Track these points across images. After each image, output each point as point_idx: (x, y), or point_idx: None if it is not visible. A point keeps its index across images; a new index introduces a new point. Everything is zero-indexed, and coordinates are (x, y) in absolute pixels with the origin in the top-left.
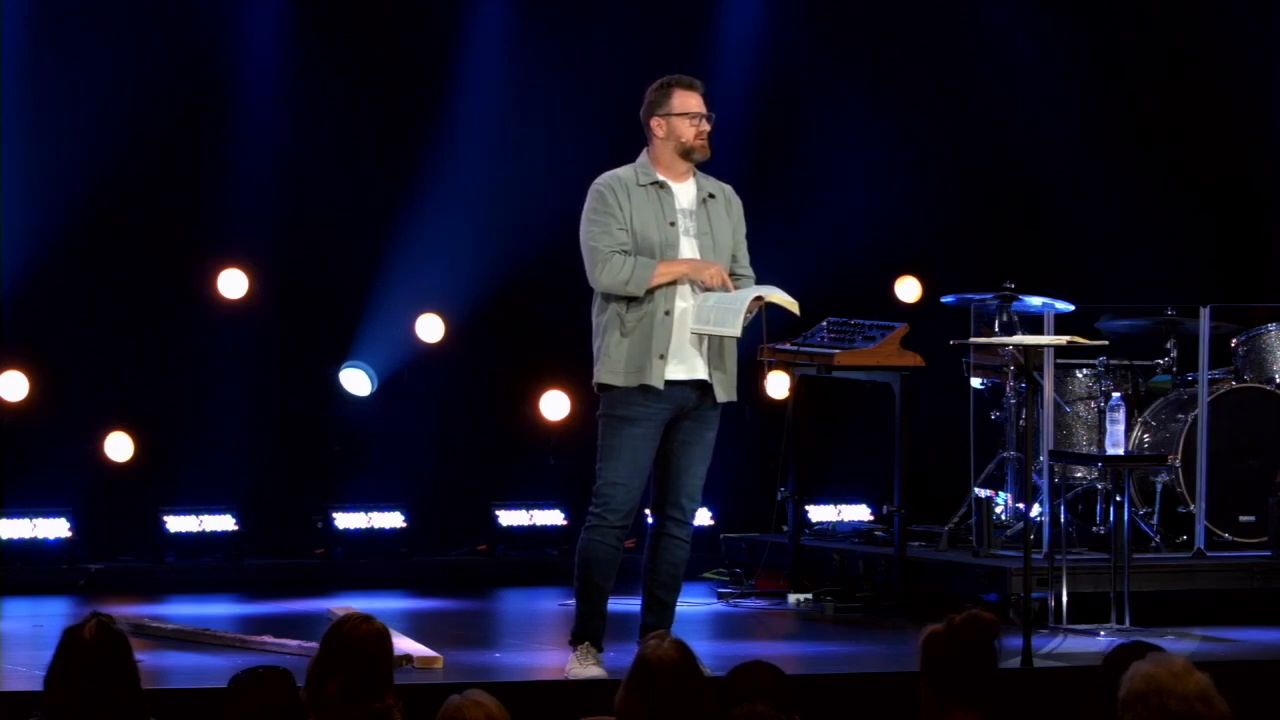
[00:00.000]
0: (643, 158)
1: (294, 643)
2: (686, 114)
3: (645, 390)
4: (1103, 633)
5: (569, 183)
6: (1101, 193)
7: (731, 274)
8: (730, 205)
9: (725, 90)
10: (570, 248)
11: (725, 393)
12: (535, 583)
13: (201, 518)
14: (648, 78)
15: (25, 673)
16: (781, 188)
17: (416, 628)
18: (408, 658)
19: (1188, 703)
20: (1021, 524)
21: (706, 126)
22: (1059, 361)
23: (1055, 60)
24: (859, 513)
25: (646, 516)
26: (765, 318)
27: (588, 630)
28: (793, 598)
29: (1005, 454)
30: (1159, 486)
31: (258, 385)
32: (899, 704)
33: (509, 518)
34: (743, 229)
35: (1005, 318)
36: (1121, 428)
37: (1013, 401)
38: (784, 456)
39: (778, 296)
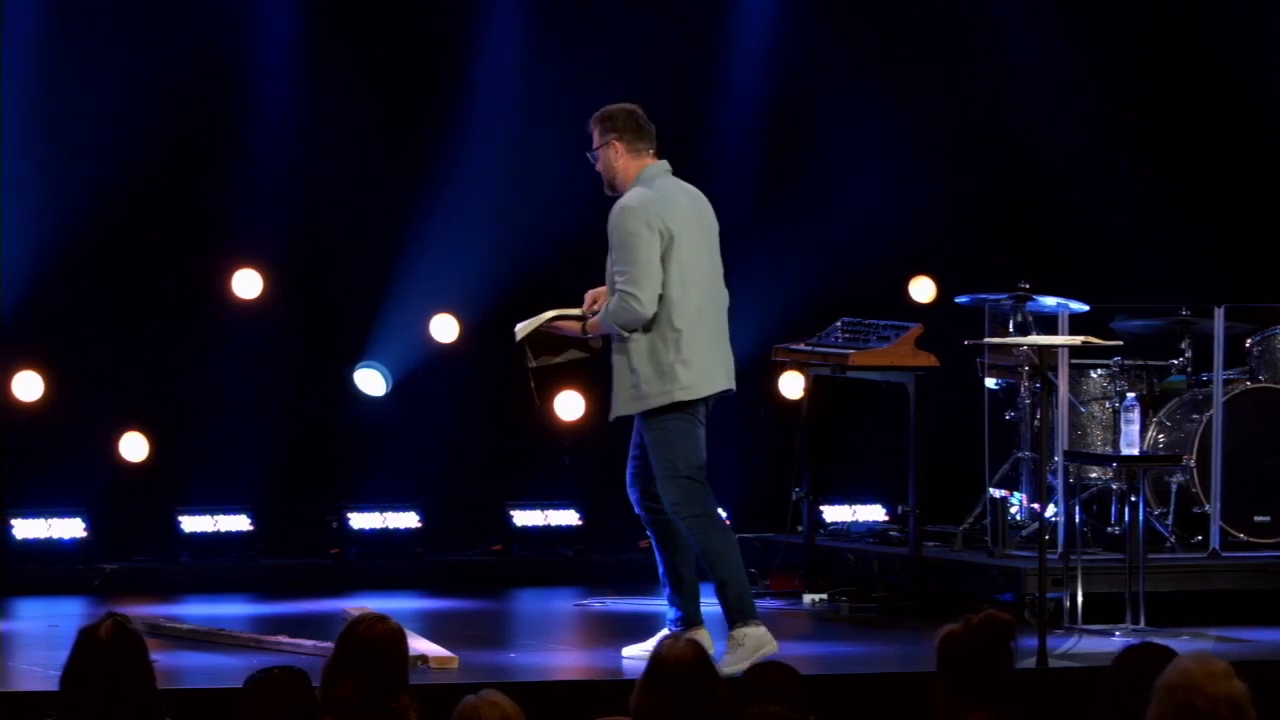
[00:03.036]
0: None
1: (309, 643)
2: None
3: None
4: (1118, 633)
5: (582, 183)
6: (1116, 193)
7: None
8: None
9: (738, 91)
10: (583, 247)
11: (613, 410)
12: (550, 583)
13: (216, 518)
14: (661, 80)
15: (41, 673)
16: (796, 188)
17: (431, 628)
18: (423, 658)
19: (1215, 704)
20: (1036, 524)
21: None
22: (1074, 362)
23: (1069, 60)
24: (874, 513)
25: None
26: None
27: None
28: (808, 598)
29: (1020, 454)
30: (1174, 487)
31: (272, 385)
32: (914, 704)
33: (524, 518)
34: (614, 243)
35: (1020, 318)
36: (1136, 428)
37: (1027, 402)
38: (799, 456)
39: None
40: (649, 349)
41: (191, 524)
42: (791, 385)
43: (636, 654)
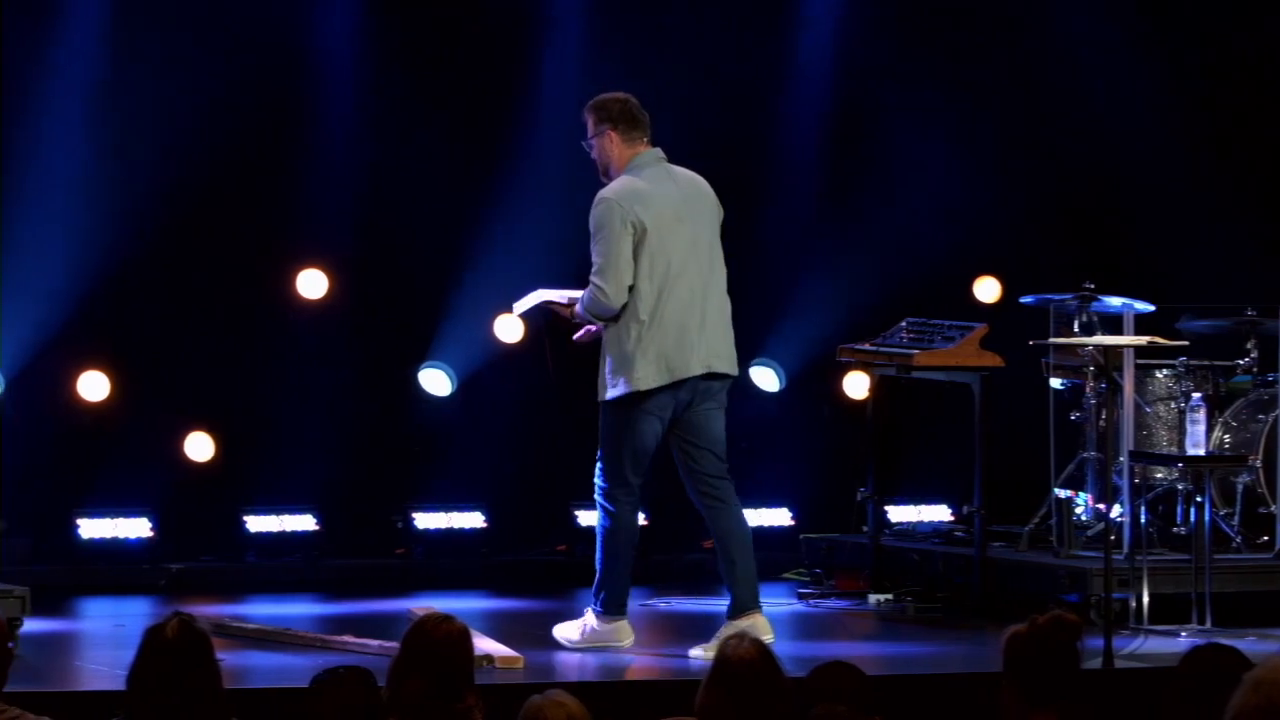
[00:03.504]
0: None
1: (375, 642)
2: None
3: None
4: (1184, 633)
5: None
6: (1181, 192)
7: None
8: None
9: (801, 89)
10: None
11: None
12: None
13: (282, 517)
14: (725, 78)
15: (107, 672)
16: (859, 187)
17: (496, 628)
18: (488, 658)
19: None
20: (1102, 525)
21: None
22: (1139, 362)
23: (1136, 57)
24: (939, 513)
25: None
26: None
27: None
28: (873, 598)
29: (1085, 454)
30: (1240, 487)
31: (338, 385)
32: (980, 705)
33: (589, 518)
34: (591, 233)
35: (1085, 318)
36: (1202, 428)
37: (1093, 402)
38: (863, 457)
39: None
40: (616, 339)
41: (257, 524)
42: (856, 385)
43: (704, 656)
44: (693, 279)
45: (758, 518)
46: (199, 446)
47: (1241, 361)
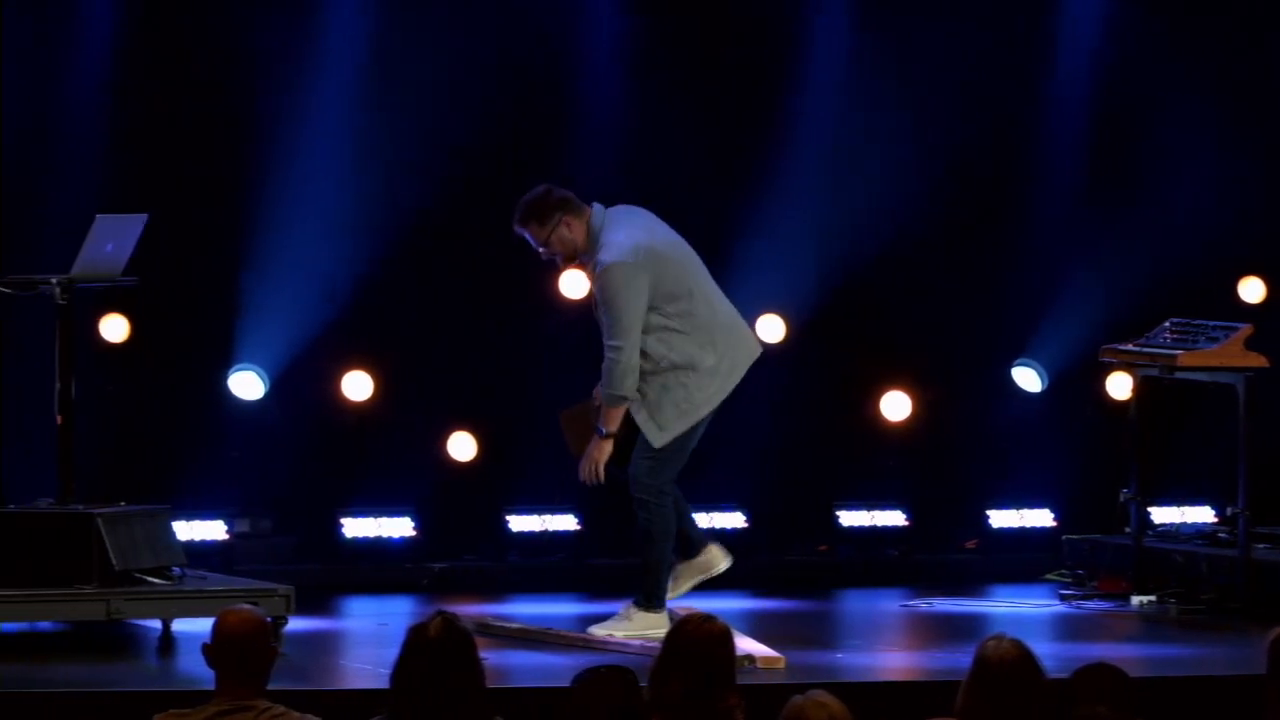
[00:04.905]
0: None
1: (636, 642)
2: None
3: None
4: None
5: (907, 182)
6: None
7: None
8: None
9: (1063, 90)
10: (906, 247)
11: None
12: (876, 583)
13: (544, 517)
14: (986, 76)
15: (371, 671)
16: (1123, 186)
17: (758, 628)
18: (750, 658)
19: None
20: None
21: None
22: None
23: None
24: (1202, 514)
25: None
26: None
27: None
28: (1136, 599)
29: None
30: None
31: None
32: (1244, 707)
33: (850, 518)
34: (602, 300)
35: None
36: None
37: None
38: (1126, 457)
39: None
40: (671, 384)
41: (519, 523)
42: (1119, 386)
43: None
44: (710, 294)
45: (1019, 519)
46: (461, 446)
47: None
